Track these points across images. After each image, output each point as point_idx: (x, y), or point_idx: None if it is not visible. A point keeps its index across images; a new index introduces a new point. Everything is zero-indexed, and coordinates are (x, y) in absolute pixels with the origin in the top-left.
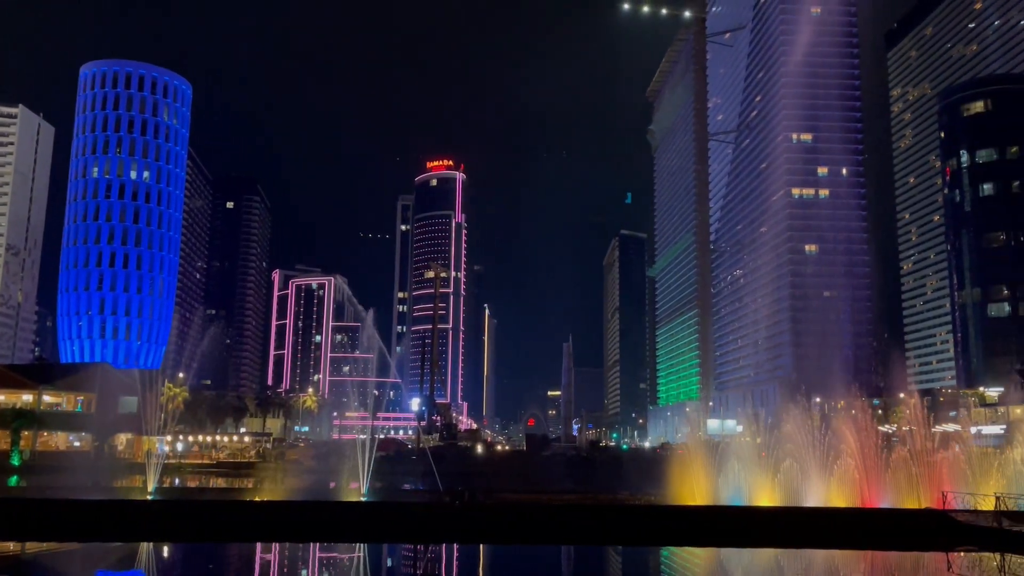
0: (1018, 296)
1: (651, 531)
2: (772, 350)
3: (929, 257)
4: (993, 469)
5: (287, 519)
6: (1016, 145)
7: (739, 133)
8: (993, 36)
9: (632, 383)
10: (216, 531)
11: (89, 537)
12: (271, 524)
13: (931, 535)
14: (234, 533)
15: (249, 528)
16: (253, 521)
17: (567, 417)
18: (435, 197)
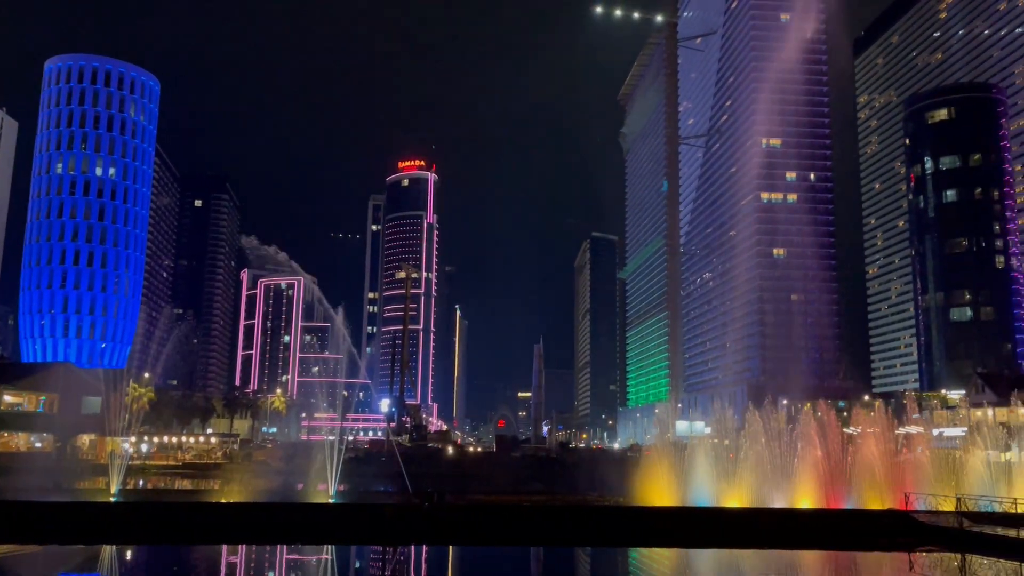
0: (979, 301)
1: (620, 532)
2: (740, 352)
3: (894, 262)
4: (954, 471)
5: (254, 521)
6: (978, 153)
7: (709, 137)
8: (957, 45)
9: (602, 385)
10: (181, 533)
11: (50, 540)
12: (237, 526)
13: (894, 535)
14: (199, 535)
15: (215, 530)
16: (219, 523)
17: (537, 418)
18: (406, 197)
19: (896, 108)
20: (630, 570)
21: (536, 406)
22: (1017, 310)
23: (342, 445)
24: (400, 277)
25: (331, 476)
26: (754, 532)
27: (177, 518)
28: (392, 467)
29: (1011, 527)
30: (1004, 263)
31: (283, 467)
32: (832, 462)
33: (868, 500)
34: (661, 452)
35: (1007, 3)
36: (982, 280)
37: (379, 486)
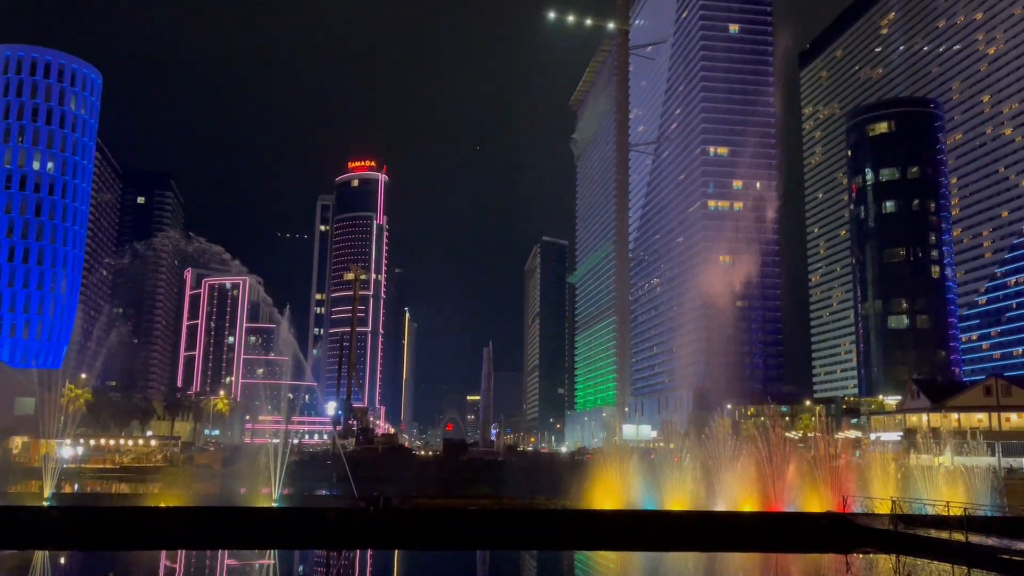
0: (916, 309)
1: (566, 535)
2: (686, 357)
3: (835, 270)
4: (890, 474)
5: (194, 525)
6: (916, 165)
7: (659, 145)
8: (898, 61)
9: (551, 388)
10: (118, 539)
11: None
12: (177, 531)
13: (832, 537)
14: (137, 540)
15: (153, 535)
16: (158, 528)
17: (485, 422)
18: (356, 198)
19: (839, 120)
20: (576, 573)
21: (485, 409)
22: (951, 318)
23: (287, 448)
24: (349, 278)
25: (275, 480)
26: (698, 535)
27: (114, 523)
28: (338, 471)
29: (943, 529)
30: (939, 273)
31: (225, 470)
32: (774, 466)
33: (808, 503)
34: (608, 456)
35: (945, 21)
36: (918, 289)
37: (324, 490)
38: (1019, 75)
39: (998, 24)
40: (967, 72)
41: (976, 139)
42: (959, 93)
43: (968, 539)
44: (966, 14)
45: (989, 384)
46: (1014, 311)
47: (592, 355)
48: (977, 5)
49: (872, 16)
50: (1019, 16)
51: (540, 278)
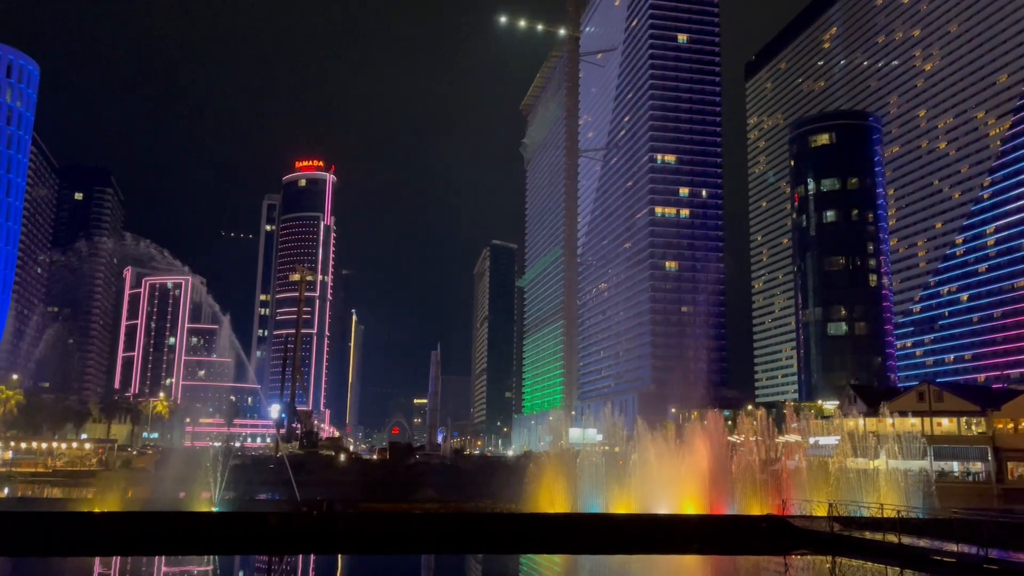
0: (854, 316)
1: (511, 539)
2: (632, 362)
3: (778, 278)
4: (828, 477)
5: (130, 531)
6: (856, 176)
7: (608, 151)
8: (839, 74)
9: (498, 392)
10: (50, 545)
11: None
12: (113, 537)
13: (772, 540)
14: (70, 547)
15: (88, 541)
16: (92, 533)
17: (432, 425)
18: (303, 198)
19: (783, 131)
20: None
21: (431, 413)
22: (887, 326)
23: (228, 451)
24: (294, 279)
25: (215, 484)
26: (641, 538)
27: (45, 528)
28: (281, 474)
29: (878, 531)
30: (876, 281)
31: (164, 474)
32: (716, 469)
33: (749, 506)
34: (553, 459)
35: (884, 37)
36: (856, 297)
37: (266, 494)
38: (954, 91)
39: (934, 41)
40: (905, 87)
41: (912, 152)
42: (897, 107)
43: (901, 541)
44: (904, 31)
45: (922, 390)
46: (946, 319)
47: (540, 359)
48: (915, 22)
49: (815, 30)
50: (955, 34)
51: (489, 281)
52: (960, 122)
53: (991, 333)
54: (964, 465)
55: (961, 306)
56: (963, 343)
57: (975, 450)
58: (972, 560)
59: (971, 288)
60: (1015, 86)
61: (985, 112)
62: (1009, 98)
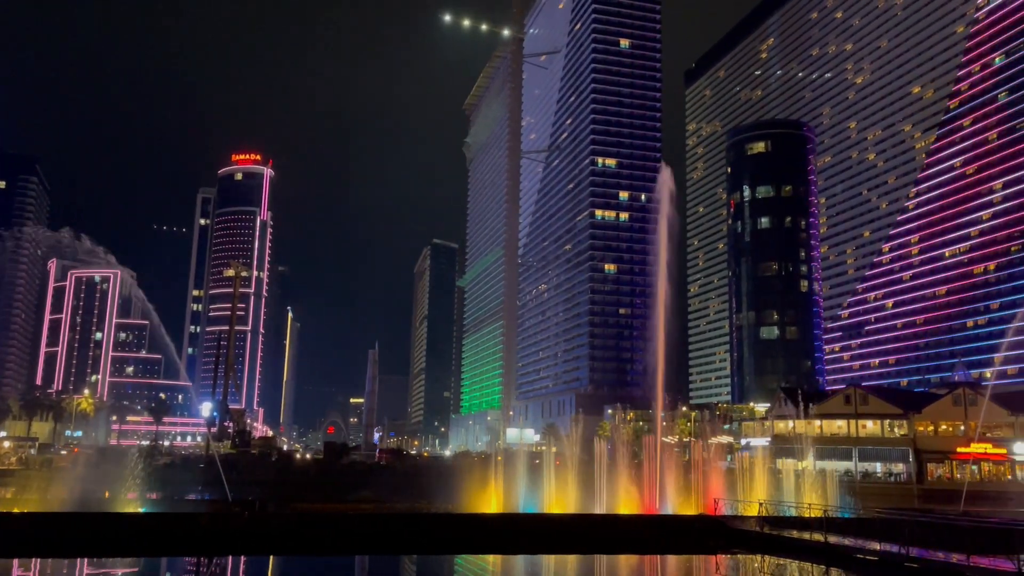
0: (785, 321)
1: (447, 539)
2: (570, 363)
3: (713, 281)
4: (758, 478)
5: (51, 532)
6: (790, 184)
7: (550, 153)
8: (775, 84)
9: (436, 391)
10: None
11: None
12: (32, 538)
13: (704, 539)
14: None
15: (5, 542)
16: (10, 535)
17: (368, 425)
18: (240, 192)
19: (720, 138)
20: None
21: (368, 412)
22: (816, 331)
23: (156, 450)
24: (229, 275)
25: (142, 484)
26: (577, 537)
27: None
28: (212, 474)
29: (805, 530)
30: (807, 287)
31: (88, 474)
32: (650, 469)
33: (682, 506)
34: (490, 459)
35: (819, 50)
36: (788, 302)
37: (197, 494)
38: (883, 104)
39: (865, 56)
40: (837, 99)
41: (843, 162)
42: (829, 118)
43: (827, 540)
44: (837, 44)
45: (848, 393)
46: (872, 325)
47: (479, 359)
48: (847, 37)
49: (753, 40)
50: (884, 49)
51: (429, 280)
52: (888, 134)
53: (914, 339)
54: (887, 466)
55: (886, 312)
56: (888, 348)
57: (897, 452)
58: (894, 558)
59: (896, 295)
60: (940, 101)
61: (911, 125)
62: (934, 112)
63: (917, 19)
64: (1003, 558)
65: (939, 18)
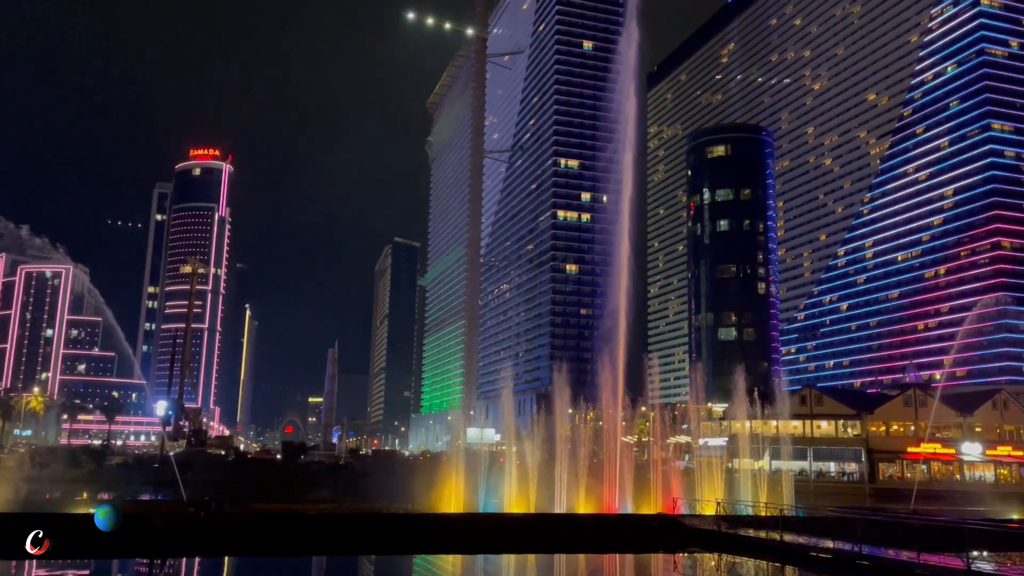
0: (743, 323)
1: (406, 539)
2: (532, 362)
3: (672, 283)
4: (716, 477)
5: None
6: (749, 188)
7: (513, 153)
8: (735, 89)
9: (397, 391)
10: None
11: None
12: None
13: (663, 538)
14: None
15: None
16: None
17: (327, 424)
18: (197, 187)
19: (681, 141)
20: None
21: (327, 411)
22: (773, 332)
23: (109, 450)
24: (186, 272)
25: (94, 483)
26: (537, 537)
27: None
28: (166, 474)
29: (761, 529)
30: (765, 289)
31: (37, 474)
32: (611, 469)
33: (641, 505)
34: (451, 459)
35: (778, 56)
36: (746, 304)
37: (150, 494)
38: (840, 110)
39: (823, 63)
40: (795, 104)
41: (800, 167)
42: (787, 123)
43: (783, 538)
44: (796, 51)
45: (804, 394)
46: (827, 327)
47: (440, 358)
48: (806, 44)
49: (714, 45)
50: (841, 56)
51: (390, 279)
52: (844, 140)
53: (867, 341)
54: (840, 466)
55: (841, 315)
56: (842, 350)
57: (850, 451)
58: (847, 556)
59: (850, 298)
60: (894, 109)
61: (867, 132)
62: (888, 119)
63: (873, 28)
64: (952, 555)
65: (894, 27)
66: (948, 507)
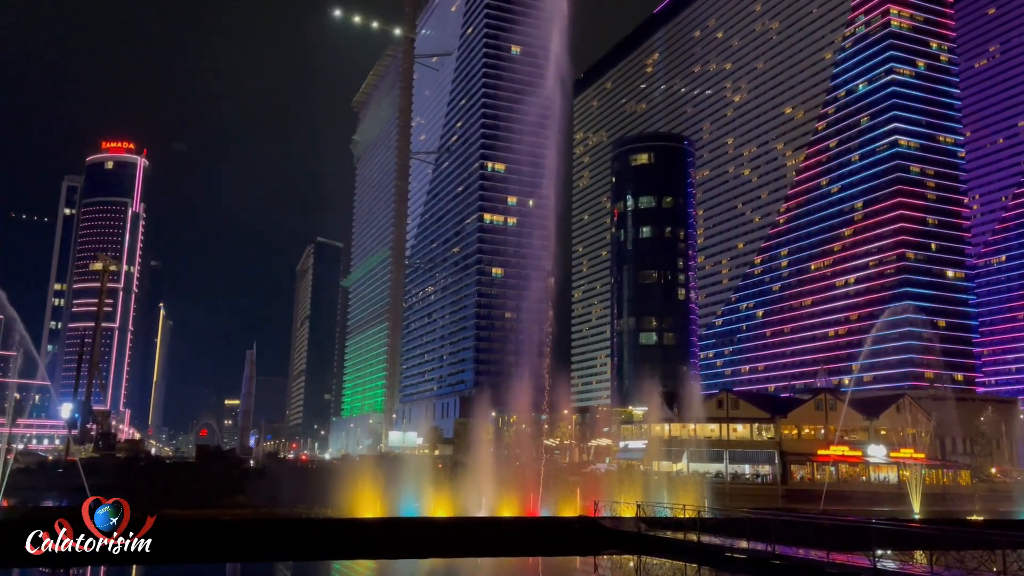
0: (663, 327)
1: (324, 545)
2: (456, 365)
3: (596, 288)
4: (636, 479)
5: None
6: (671, 196)
7: (439, 155)
8: (659, 98)
9: (317, 393)
10: None
11: None
12: None
13: (584, 540)
14: None
15: None
16: None
17: (244, 427)
18: (110, 181)
19: (606, 148)
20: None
21: (244, 414)
22: (692, 337)
23: (9, 454)
24: (96, 269)
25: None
26: (458, 541)
27: None
28: (72, 479)
29: (679, 530)
30: (685, 295)
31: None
32: (533, 471)
33: (563, 508)
34: (372, 462)
35: (700, 67)
36: (667, 309)
37: (54, 500)
38: (759, 122)
39: (743, 75)
40: (716, 115)
41: (720, 176)
42: (709, 133)
43: (700, 539)
44: (718, 63)
45: (721, 398)
46: (744, 333)
47: (362, 360)
48: (727, 56)
49: (639, 54)
50: (761, 70)
51: (312, 280)
52: (762, 151)
53: (781, 346)
54: (755, 468)
55: (757, 321)
56: (757, 355)
57: (764, 454)
58: (761, 556)
59: (766, 305)
60: (809, 123)
61: (783, 144)
62: (804, 133)
63: (791, 43)
64: (859, 554)
65: (810, 44)
66: (855, 507)
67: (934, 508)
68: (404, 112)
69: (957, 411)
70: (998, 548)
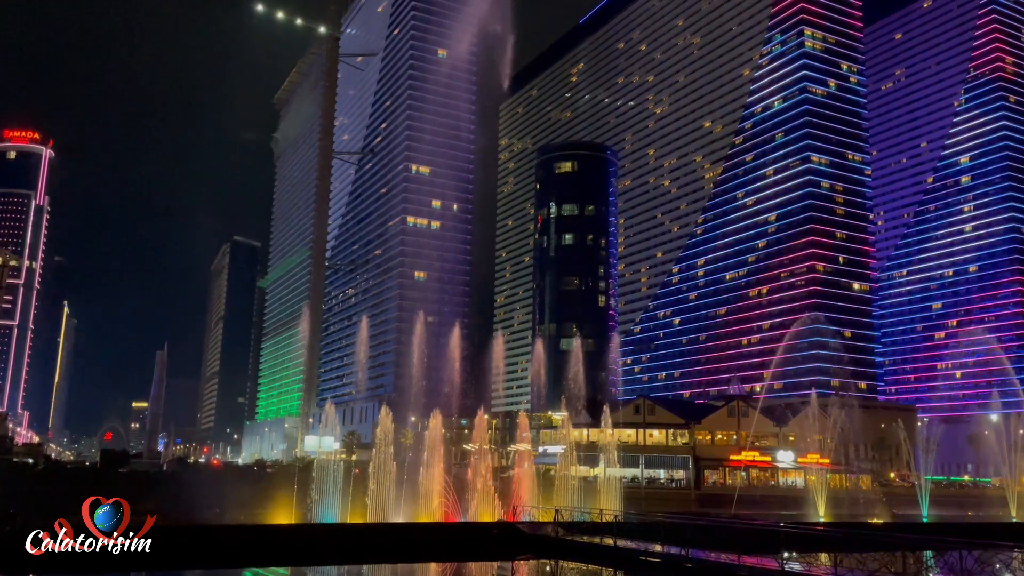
0: (584, 333)
1: (238, 553)
2: (375, 369)
3: (518, 293)
4: (555, 485)
5: None
6: (593, 204)
7: (363, 156)
8: (584, 107)
9: (230, 396)
10: None
11: None
12: None
13: (503, 545)
14: None
15: None
16: None
17: (152, 431)
18: (12, 172)
19: (531, 155)
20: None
21: (152, 417)
22: (612, 344)
23: None
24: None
25: None
26: (375, 547)
27: None
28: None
29: (596, 535)
30: (605, 302)
31: None
32: (452, 477)
33: (483, 513)
34: (287, 468)
35: (624, 79)
36: (587, 316)
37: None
38: (679, 135)
39: (665, 88)
40: (638, 126)
41: (641, 186)
42: (631, 144)
43: (616, 543)
44: (640, 75)
45: (638, 404)
46: (661, 340)
47: (279, 363)
48: (649, 69)
49: (564, 63)
50: (682, 83)
51: (228, 279)
52: (682, 163)
53: (697, 354)
54: (670, 472)
55: (673, 329)
56: (674, 362)
57: (679, 459)
58: (675, 560)
59: (682, 313)
60: (727, 136)
61: (702, 156)
62: (722, 147)
63: (711, 59)
64: (769, 557)
65: (729, 60)
66: (765, 511)
67: (838, 511)
68: (327, 111)
69: (860, 418)
70: (898, 550)
